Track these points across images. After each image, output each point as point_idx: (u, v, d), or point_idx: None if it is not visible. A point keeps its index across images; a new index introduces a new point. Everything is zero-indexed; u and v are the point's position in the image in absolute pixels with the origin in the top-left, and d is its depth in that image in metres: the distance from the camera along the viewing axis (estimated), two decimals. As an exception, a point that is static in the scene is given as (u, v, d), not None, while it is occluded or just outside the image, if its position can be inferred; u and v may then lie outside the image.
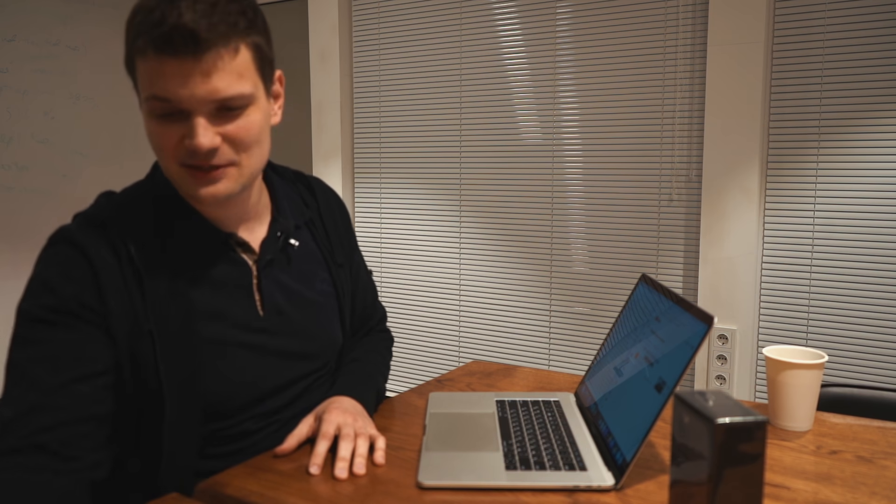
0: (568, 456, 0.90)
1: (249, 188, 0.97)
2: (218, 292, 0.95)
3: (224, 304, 0.96)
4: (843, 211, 2.24)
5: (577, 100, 2.70)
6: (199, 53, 0.81)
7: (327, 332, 1.09)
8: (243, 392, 0.98)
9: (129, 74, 0.88)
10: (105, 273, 0.86)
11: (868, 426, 1.05)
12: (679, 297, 0.93)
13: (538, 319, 2.86)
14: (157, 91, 0.82)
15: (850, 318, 2.26)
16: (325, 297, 1.10)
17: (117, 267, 0.88)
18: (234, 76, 0.84)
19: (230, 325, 0.96)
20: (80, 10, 3.58)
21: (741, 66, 2.32)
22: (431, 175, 3.08)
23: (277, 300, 1.02)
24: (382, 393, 1.16)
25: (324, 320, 1.09)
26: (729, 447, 0.63)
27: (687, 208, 2.52)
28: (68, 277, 0.85)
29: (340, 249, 1.14)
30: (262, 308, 1.00)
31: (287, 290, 1.03)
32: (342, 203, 1.21)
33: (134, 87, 0.89)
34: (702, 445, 0.65)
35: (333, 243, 1.13)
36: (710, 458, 0.63)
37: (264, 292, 1.00)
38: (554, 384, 1.25)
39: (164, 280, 0.90)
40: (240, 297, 0.98)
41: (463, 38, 2.94)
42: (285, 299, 1.03)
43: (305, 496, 0.82)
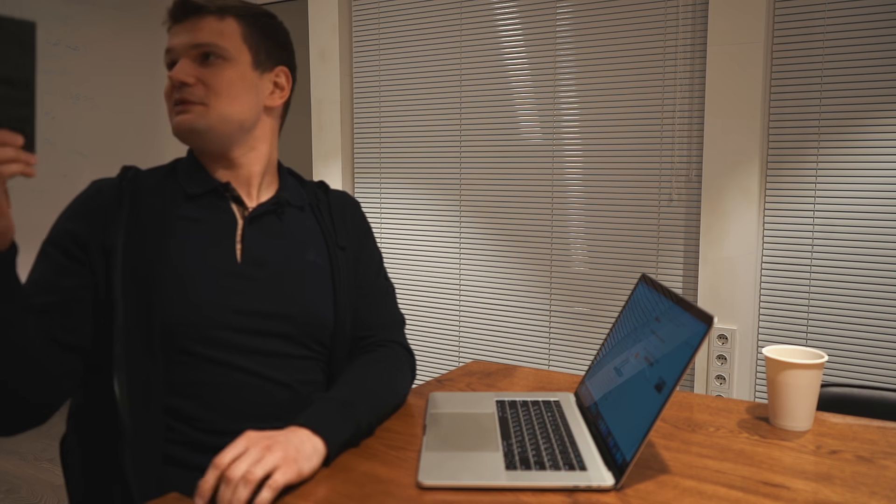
0: (568, 456, 0.90)
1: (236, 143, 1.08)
2: (201, 234, 1.03)
3: (203, 245, 1.02)
4: (842, 211, 2.24)
5: (577, 100, 2.70)
6: (195, 16, 1.04)
7: (312, 303, 1.07)
8: (206, 313, 0.97)
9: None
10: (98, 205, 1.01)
11: (868, 426, 1.05)
12: (679, 297, 0.93)
13: (538, 319, 2.86)
14: (167, 47, 1.06)
15: (850, 318, 2.27)
16: (315, 270, 1.09)
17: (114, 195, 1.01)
18: (216, 33, 1.04)
19: (204, 263, 1.01)
20: (80, 11, 3.58)
21: (741, 66, 2.32)
22: (431, 175, 3.08)
23: (257, 253, 1.05)
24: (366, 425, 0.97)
25: (310, 290, 1.07)
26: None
27: (687, 208, 2.52)
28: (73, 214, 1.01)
29: (345, 236, 1.16)
30: (240, 257, 1.04)
31: (271, 248, 1.07)
32: (360, 211, 1.24)
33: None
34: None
35: (338, 229, 1.15)
36: None
37: (246, 243, 1.05)
38: (554, 384, 1.25)
39: (148, 211, 1.01)
40: (221, 242, 1.04)
41: (463, 38, 2.94)
42: (268, 256, 1.06)
43: (305, 496, 0.82)
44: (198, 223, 1.04)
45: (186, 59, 1.03)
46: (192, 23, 1.04)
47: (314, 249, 1.11)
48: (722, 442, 0.99)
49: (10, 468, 2.80)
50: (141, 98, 3.91)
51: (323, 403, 0.94)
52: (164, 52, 1.06)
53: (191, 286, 0.98)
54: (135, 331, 0.95)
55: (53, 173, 3.46)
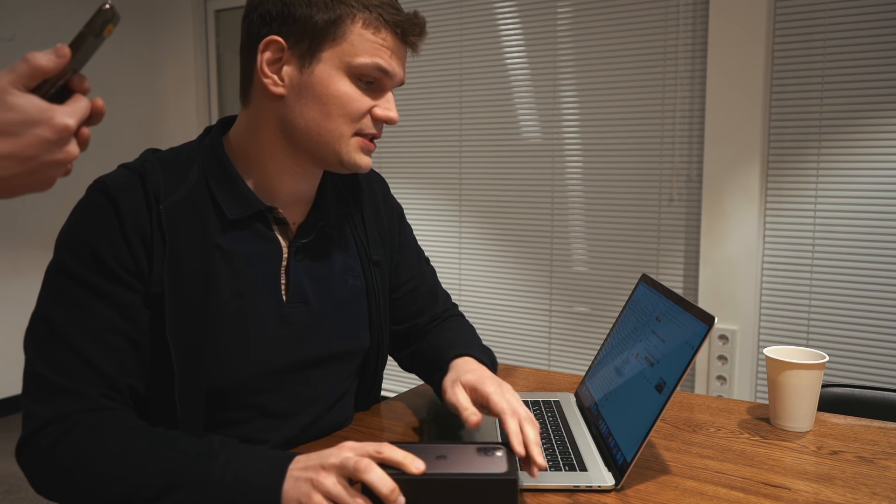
0: (568, 456, 0.90)
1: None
2: (244, 266, 0.92)
3: (248, 281, 0.92)
4: (843, 211, 2.24)
5: (577, 99, 2.70)
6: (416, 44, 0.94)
7: (350, 336, 1.03)
8: (249, 373, 0.92)
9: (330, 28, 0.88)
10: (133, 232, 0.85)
11: (869, 426, 1.05)
12: (679, 298, 0.93)
13: (538, 319, 2.86)
14: (382, 65, 0.89)
15: (850, 319, 2.26)
16: (353, 295, 1.03)
17: (146, 224, 0.86)
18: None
19: (250, 305, 0.92)
20: (80, 11, 3.58)
21: (741, 66, 2.32)
22: (431, 175, 3.08)
23: (304, 289, 0.96)
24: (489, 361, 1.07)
25: (348, 322, 1.02)
26: None
27: (687, 208, 2.52)
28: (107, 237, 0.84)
29: (378, 245, 1.07)
30: (286, 294, 0.95)
31: (316, 280, 0.98)
32: (388, 191, 1.15)
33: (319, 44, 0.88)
34: None
35: (371, 239, 1.06)
36: None
37: (291, 277, 0.95)
38: (554, 384, 1.25)
39: (187, 243, 0.87)
40: (266, 277, 0.93)
41: (463, 38, 2.94)
42: (313, 290, 0.97)
43: (305, 497, 0.82)
44: (241, 257, 0.92)
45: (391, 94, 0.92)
46: (406, 51, 0.93)
47: (352, 272, 1.03)
48: (723, 442, 0.98)
49: (10, 468, 2.80)
50: (141, 96, 3.90)
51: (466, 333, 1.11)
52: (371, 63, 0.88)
53: (235, 346, 0.90)
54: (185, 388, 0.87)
55: (53, 173, 3.46)
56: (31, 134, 0.57)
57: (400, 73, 0.91)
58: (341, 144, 0.90)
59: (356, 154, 0.92)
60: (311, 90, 0.88)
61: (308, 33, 0.87)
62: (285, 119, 0.90)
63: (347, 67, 0.88)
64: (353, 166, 0.92)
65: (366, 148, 0.92)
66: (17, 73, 0.57)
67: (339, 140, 0.90)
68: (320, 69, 0.88)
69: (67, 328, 0.82)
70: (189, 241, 0.87)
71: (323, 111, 0.89)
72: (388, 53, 0.89)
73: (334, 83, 0.88)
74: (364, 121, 0.90)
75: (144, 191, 0.86)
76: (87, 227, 0.85)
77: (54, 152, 0.59)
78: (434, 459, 0.74)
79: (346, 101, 0.88)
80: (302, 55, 0.88)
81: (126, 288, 0.84)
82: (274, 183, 0.94)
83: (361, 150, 0.92)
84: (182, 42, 3.90)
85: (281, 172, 0.94)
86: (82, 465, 0.77)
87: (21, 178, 0.59)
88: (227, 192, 0.91)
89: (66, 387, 0.81)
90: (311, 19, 0.86)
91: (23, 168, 0.58)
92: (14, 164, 0.58)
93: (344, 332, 1.01)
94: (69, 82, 0.60)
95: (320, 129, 0.89)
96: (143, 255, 0.85)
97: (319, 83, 0.88)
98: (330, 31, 0.87)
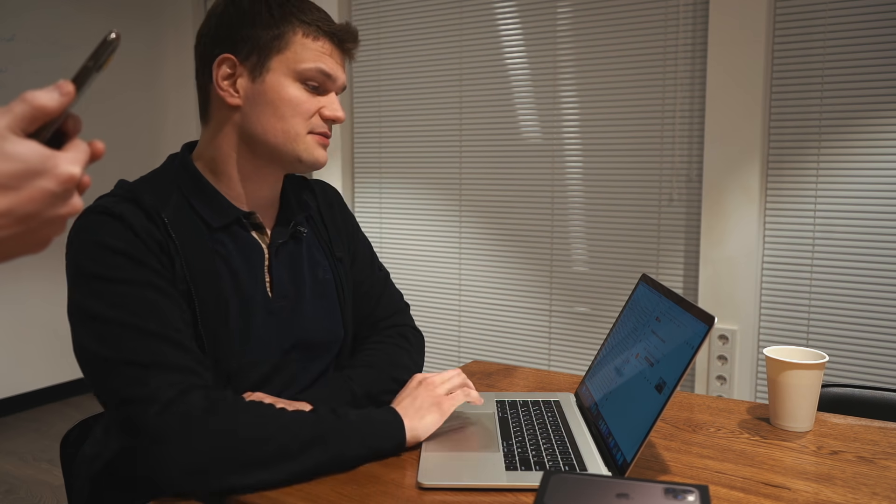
0: (568, 456, 0.90)
1: None
2: (238, 268, 1.00)
3: (240, 280, 1.00)
4: (844, 211, 2.24)
5: (577, 99, 2.70)
6: (351, 51, 1.05)
7: (327, 326, 1.11)
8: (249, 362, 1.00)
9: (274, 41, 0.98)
10: (150, 240, 0.90)
11: (869, 426, 1.05)
12: (679, 298, 0.93)
13: (538, 319, 2.86)
14: (325, 69, 0.99)
15: (850, 318, 2.26)
16: (325, 288, 1.11)
17: (157, 233, 0.91)
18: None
19: (245, 302, 1.00)
20: (80, 10, 3.58)
21: (741, 66, 2.32)
22: (431, 175, 3.08)
23: (285, 285, 1.05)
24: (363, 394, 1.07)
25: (324, 313, 1.11)
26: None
27: (687, 208, 2.52)
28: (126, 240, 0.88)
29: (339, 244, 1.16)
30: (271, 290, 1.03)
31: (293, 276, 1.07)
32: (342, 201, 1.24)
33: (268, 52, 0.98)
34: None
35: (332, 238, 1.15)
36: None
37: (274, 275, 1.04)
38: (554, 384, 1.25)
39: (191, 247, 0.94)
40: (254, 276, 1.01)
41: (463, 38, 2.94)
42: (293, 285, 1.06)
43: (305, 497, 0.82)
44: (232, 260, 1.00)
45: (335, 96, 1.02)
46: (345, 57, 1.04)
47: (321, 266, 1.12)
48: (722, 442, 0.98)
49: (10, 468, 2.80)
50: (141, 94, 3.90)
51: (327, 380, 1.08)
52: (314, 67, 0.99)
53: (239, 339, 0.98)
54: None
55: (53, 173, 3.46)
56: (32, 187, 0.49)
57: (342, 76, 1.02)
58: (298, 143, 1.00)
59: (314, 149, 1.01)
60: (265, 97, 0.98)
61: (256, 48, 0.97)
62: (244, 126, 0.99)
63: (294, 73, 0.98)
64: (311, 161, 1.01)
65: (321, 143, 1.02)
66: (14, 116, 0.48)
67: (295, 139, 0.99)
68: (271, 77, 0.97)
69: (147, 325, 0.85)
70: (191, 245, 0.95)
71: (277, 114, 0.98)
72: (329, 58, 1.00)
73: (284, 88, 0.98)
74: (314, 120, 1.00)
75: (143, 209, 0.92)
76: (108, 236, 0.88)
77: (57, 207, 0.51)
78: (614, 498, 0.67)
79: (296, 103, 0.98)
80: (253, 67, 0.97)
81: (167, 282, 0.90)
82: (242, 190, 1.02)
83: (318, 145, 1.01)
84: (182, 40, 3.90)
85: (245, 179, 1.02)
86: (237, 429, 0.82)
87: (16, 239, 0.50)
88: (206, 204, 0.99)
89: (188, 367, 0.84)
90: (258, 36, 0.97)
91: (21, 227, 0.49)
92: (11, 223, 0.49)
93: (321, 323, 1.10)
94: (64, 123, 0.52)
95: (276, 131, 0.98)
96: (163, 257, 0.91)
97: (271, 90, 0.97)
98: (275, 44, 0.97)
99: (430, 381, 0.99)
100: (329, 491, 0.84)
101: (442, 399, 0.96)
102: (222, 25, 0.98)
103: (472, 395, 0.98)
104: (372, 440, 0.89)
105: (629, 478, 0.76)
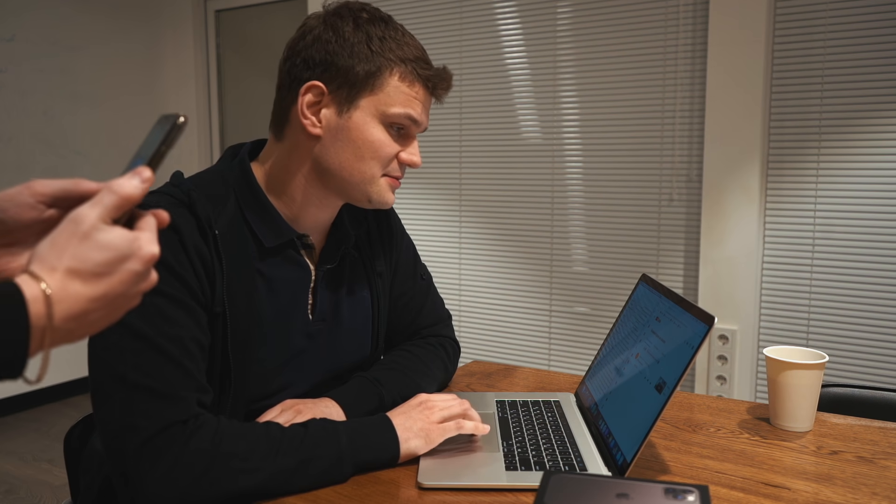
0: (568, 456, 0.90)
1: None
2: (281, 289, 0.99)
3: (283, 303, 0.99)
4: (844, 211, 2.24)
5: (577, 99, 2.70)
6: (441, 97, 1.02)
7: (359, 348, 1.11)
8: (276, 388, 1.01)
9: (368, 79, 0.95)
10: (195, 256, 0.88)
11: (869, 426, 1.05)
12: (679, 298, 0.93)
13: (538, 319, 2.86)
14: (410, 114, 0.97)
15: (850, 319, 2.26)
16: (361, 307, 1.11)
17: (205, 250, 0.89)
18: None
19: (284, 325, 1.00)
20: (80, 10, 3.58)
21: (741, 66, 2.32)
22: (431, 175, 3.08)
23: (326, 308, 1.05)
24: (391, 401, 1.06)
25: (358, 335, 1.11)
26: None
27: (687, 208, 2.52)
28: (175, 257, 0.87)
29: (381, 258, 1.14)
30: (312, 313, 1.03)
31: (334, 298, 1.06)
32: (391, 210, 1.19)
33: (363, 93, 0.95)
34: None
35: (374, 251, 1.13)
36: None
37: (318, 298, 1.04)
38: (554, 384, 1.25)
39: (236, 266, 0.93)
40: (297, 298, 1.01)
41: (463, 38, 2.94)
42: (332, 308, 1.06)
43: (305, 496, 0.82)
44: (277, 281, 0.99)
45: (415, 140, 1.00)
46: (431, 101, 1.00)
47: (360, 285, 1.10)
48: (722, 442, 0.98)
49: (10, 468, 2.80)
50: (141, 96, 3.90)
51: (354, 380, 1.06)
52: (403, 113, 0.96)
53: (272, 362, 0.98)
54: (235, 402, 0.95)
55: (52, 173, 3.46)
56: (122, 270, 0.52)
57: (426, 121, 1.00)
58: (372, 185, 0.98)
59: (386, 193, 0.99)
60: (347, 134, 0.95)
61: (348, 82, 0.94)
62: (319, 158, 0.97)
63: (382, 116, 0.95)
64: (381, 203, 1.00)
65: (392, 186, 1.00)
66: (105, 207, 0.52)
67: (370, 181, 0.98)
68: (357, 115, 0.95)
69: (156, 338, 0.83)
70: (237, 264, 0.93)
71: (357, 154, 0.96)
72: (419, 104, 0.97)
73: (369, 129, 0.95)
74: (392, 164, 0.98)
75: (196, 218, 0.90)
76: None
77: (140, 284, 0.55)
78: (614, 498, 0.68)
79: (378, 146, 0.96)
80: (341, 101, 0.94)
81: (197, 303, 0.88)
82: (300, 212, 1.01)
83: (390, 189, 1.00)
84: (182, 42, 3.90)
85: (308, 204, 1.00)
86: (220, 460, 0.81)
87: (102, 319, 0.54)
88: (262, 221, 0.98)
89: (168, 393, 0.82)
90: (352, 69, 0.93)
91: (109, 307, 0.53)
92: (103, 306, 0.53)
93: (353, 345, 1.10)
94: None
95: (353, 170, 0.97)
96: (204, 278, 0.89)
97: (356, 128, 0.95)
98: (369, 82, 0.94)
99: (430, 405, 0.96)
100: (329, 491, 0.84)
101: (433, 428, 0.93)
102: (318, 49, 0.94)
103: (466, 426, 0.94)
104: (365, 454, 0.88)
105: (629, 478, 0.76)
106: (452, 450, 0.93)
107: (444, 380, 1.18)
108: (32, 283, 0.50)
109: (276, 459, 0.82)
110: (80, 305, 0.51)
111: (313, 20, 0.97)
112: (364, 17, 0.96)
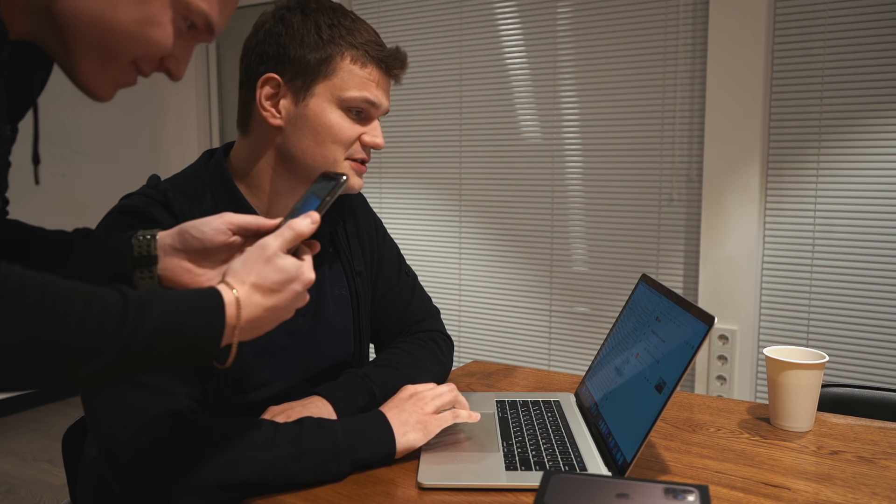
0: (568, 456, 0.90)
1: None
2: None
3: None
4: (844, 211, 2.24)
5: (577, 99, 2.70)
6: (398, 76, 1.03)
7: (340, 346, 1.11)
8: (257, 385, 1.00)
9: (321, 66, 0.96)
10: None
11: (869, 426, 1.05)
12: (679, 298, 0.93)
13: (538, 319, 2.86)
14: (369, 98, 0.98)
15: (850, 318, 2.26)
16: (340, 304, 1.10)
17: None
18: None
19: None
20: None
21: (741, 66, 2.32)
22: (431, 175, 3.08)
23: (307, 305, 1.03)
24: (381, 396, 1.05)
25: (338, 332, 1.10)
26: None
27: (687, 208, 2.52)
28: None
29: (360, 256, 1.14)
30: None
31: (317, 298, 1.06)
32: (366, 206, 1.22)
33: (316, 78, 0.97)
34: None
35: (353, 251, 1.13)
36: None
37: None
38: (554, 384, 1.25)
39: None
40: None
41: (463, 38, 2.94)
42: (313, 306, 1.05)
43: (305, 496, 0.82)
44: None
45: (377, 122, 1.01)
46: (390, 82, 1.01)
47: (337, 283, 1.11)
48: (722, 442, 0.98)
49: (10, 468, 2.80)
50: (140, 96, 3.90)
51: (343, 376, 1.06)
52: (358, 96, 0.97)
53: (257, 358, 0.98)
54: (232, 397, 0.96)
55: (52, 173, 3.46)
56: (289, 290, 0.71)
57: (385, 103, 1.01)
58: (336, 169, 0.99)
59: (351, 177, 1.00)
60: (306, 121, 0.97)
61: (302, 71, 0.96)
62: (283, 147, 0.99)
63: (338, 100, 0.97)
64: (347, 188, 1.01)
65: (357, 170, 1.02)
66: (284, 239, 0.72)
67: (333, 165, 0.99)
68: (314, 102, 0.97)
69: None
70: None
71: (317, 140, 0.98)
72: (375, 86, 0.98)
73: (326, 115, 0.97)
74: (354, 147, 1.00)
75: (172, 216, 0.92)
76: None
77: (298, 302, 0.73)
78: (614, 498, 0.67)
79: (337, 130, 0.98)
80: (297, 90, 0.97)
81: None
82: (271, 203, 1.02)
83: (356, 173, 1.01)
84: (182, 42, 3.89)
85: (277, 193, 1.02)
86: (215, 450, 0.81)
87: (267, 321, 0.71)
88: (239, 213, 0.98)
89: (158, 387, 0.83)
90: (304, 58, 0.95)
91: (274, 317, 0.71)
92: (271, 315, 0.70)
93: (335, 342, 1.10)
94: None
95: (315, 155, 0.99)
96: None
97: (313, 115, 0.97)
98: (321, 69, 0.96)
99: (421, 396, 0.96)
100: (329, 491, 0.84)
101: (429, 419, 0.93)
102: (270, 43, 0.97)
103: (461, 415, 0.95)
104: (362, 452, 0.88)
105: (629, 478, 0.76)
106: (452, 450, 0.93)
107: (441, 373, 1.17)
108: (228, 291, 0.68)
109: (272, 450, 0.82)
110: (257, 312, 0.69)
111: (265, 16, 1.00)
112: (312, 6, 0.97)
